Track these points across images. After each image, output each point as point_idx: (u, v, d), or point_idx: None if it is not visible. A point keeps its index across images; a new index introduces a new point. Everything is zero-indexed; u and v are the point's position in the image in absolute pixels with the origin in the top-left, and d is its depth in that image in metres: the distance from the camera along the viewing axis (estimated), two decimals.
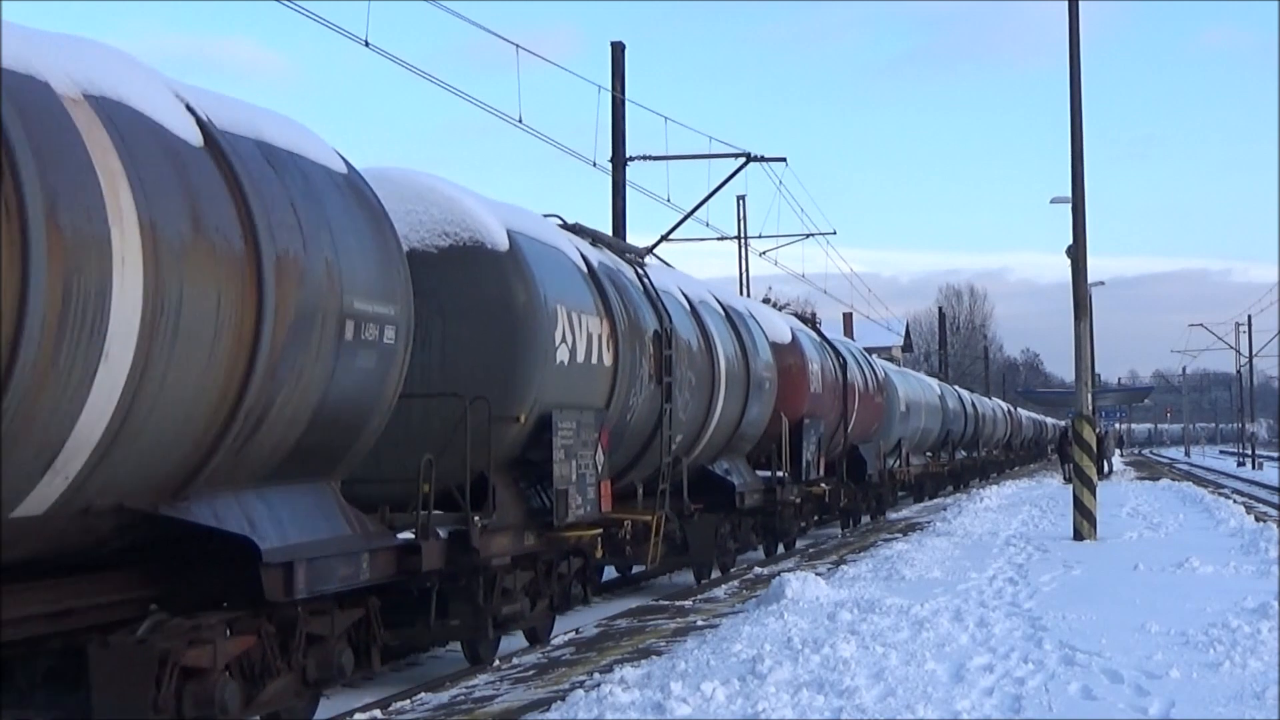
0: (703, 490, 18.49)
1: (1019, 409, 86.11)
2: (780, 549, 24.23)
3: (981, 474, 58.56)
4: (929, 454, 43.63)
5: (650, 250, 26.50)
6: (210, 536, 7.99)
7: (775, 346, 22.06)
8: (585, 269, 13.88)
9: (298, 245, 8.32)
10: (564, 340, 12.49)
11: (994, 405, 68.42)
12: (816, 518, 28.20)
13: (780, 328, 23.19)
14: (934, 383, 47.07)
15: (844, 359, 27.39)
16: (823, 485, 24.92)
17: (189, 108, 8.02)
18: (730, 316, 20.03)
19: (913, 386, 39.60)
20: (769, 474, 21.33)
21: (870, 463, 29.74)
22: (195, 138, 7.86)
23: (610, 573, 19.80)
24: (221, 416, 7.76)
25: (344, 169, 9.68)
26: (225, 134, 8.16)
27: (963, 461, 52.53)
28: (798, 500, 23.01)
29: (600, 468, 13.25)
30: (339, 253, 8.84)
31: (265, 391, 8.04)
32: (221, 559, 8.19)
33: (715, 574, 19.81)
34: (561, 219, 15.09)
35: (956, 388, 56.83)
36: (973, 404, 56.64)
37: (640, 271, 16.38)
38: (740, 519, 20.53)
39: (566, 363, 12.53)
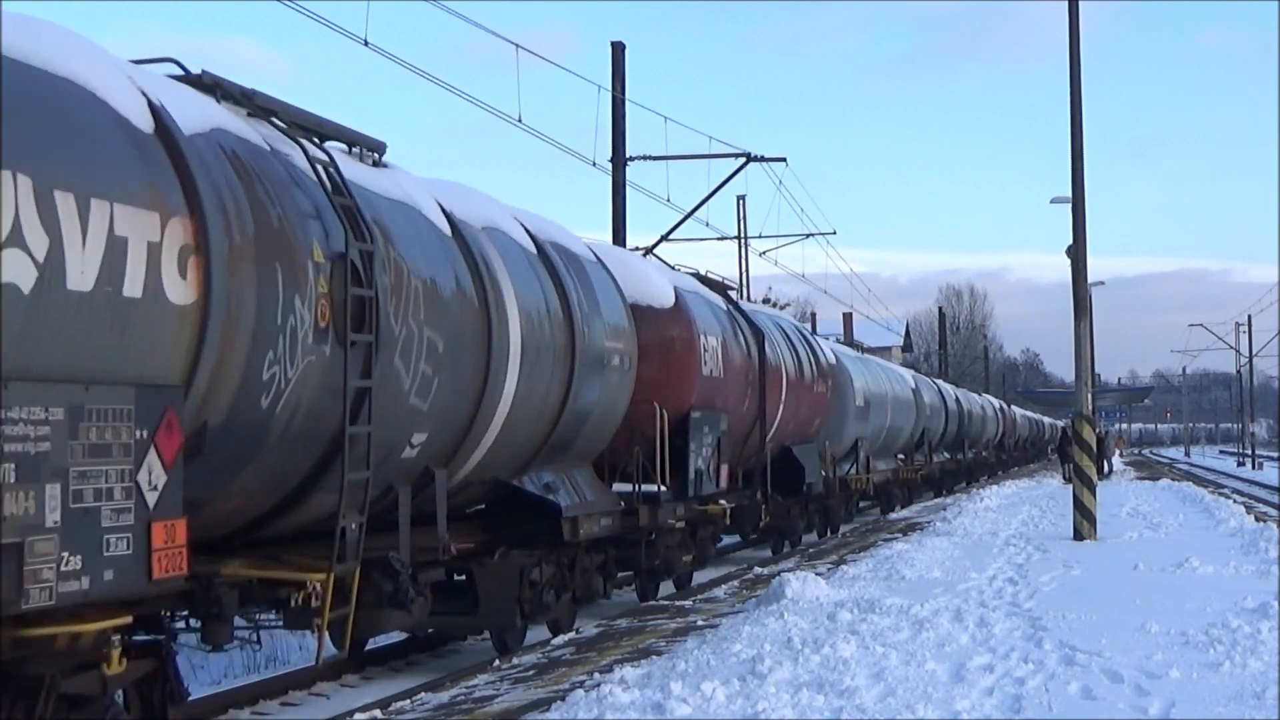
0: (511, 515, 13.23)
1: (1013, 407, 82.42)
2: (666, 589, 18.50)
3: (969, 478, 53.84)
4: (901, 457, 37.68)
5: (650, 250, 26.50)
6: None
7: (644, 311, 16.32)
8: (146, 125, 7.77)
9: None
10: (19, 240, 6.49)
11: (984, 402, 63.32)
12: (754, 538, 24.42)
13: (656, 287, 17.00)
14: (907, 374, 41.21)
15: (762, 334, 20.97)
16: (722, 502, 18.42)
17: None
18: (546, 255, 13.52)
19: (876, 376, 33.50)
20: (632, 489, 15.58)
21: (810, 469, 23.83)
22: None
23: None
24: None
25: None
26: None
27: (944, 465, 46.68)
28: (680, 524, 16.97)
29: (154, 495, 7.33)
30: None
31: None
32: None
33: (561, 634, 14.13)
34: (183, 69, 9.31)
35: (937, 381, 50.96)
36: (957, 399, 50.52)
37: (322, 155, 9.65)
38: (575, 556, 14.40)
39: (30, 289, 6.55)
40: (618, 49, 27.18)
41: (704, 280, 20.30)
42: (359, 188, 9.92)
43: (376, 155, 11.25)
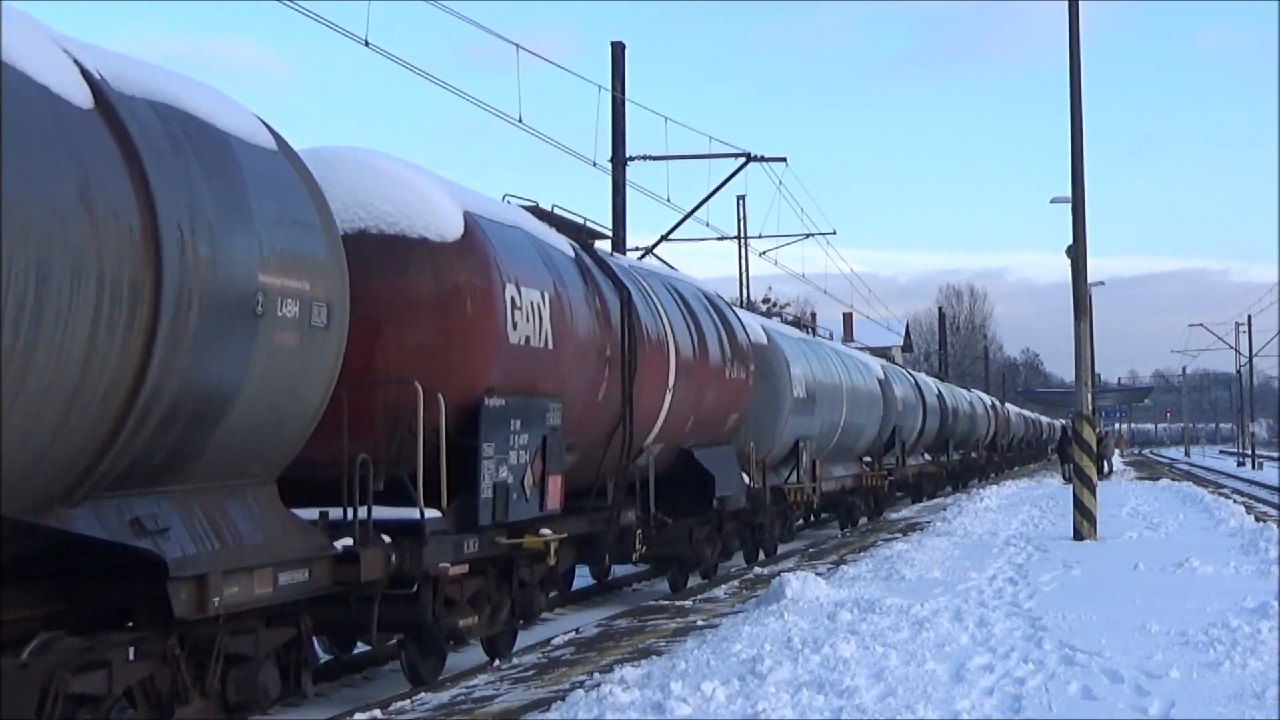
0: (92, 575, 8.02)
1: (1007, 404, 78.36)
2: (468, 658, 12.93)
3: (956, 483, 48.97)
4: (867, 460, 32.15)
5: (650, 250, 26.53)
6: None
7: (411, 244, 11.26)
8: None
9: None
10: None
11: (973, 398, 57.89)
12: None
13: (428, 208, 11.44)
14: (875, 363, 35.43)
15: (628, 292, 15.07)
16: (545, 532, 12.54)
17: None
18: (114, 116, 7.56)
19: (826, 363, 27.47)
20: (352, 519, 9.83)
21: (724, 478, 18.14)
22: None
23: None
24: None
25: None
26: None
27: (922, 469, 41.07)
28: (460, 571, 11.27)
29: None
30: None
31: None
32: None
33: None
34: None
35: (914, 373, 44.64)
36: (939, 394, 44.80)
37: None
38: (216, 639, 8.53)
39: None
40: (618, 49, 27.17)
41: (543, 215, 14.56)
42: None
43: None
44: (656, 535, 16.42)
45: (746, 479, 20.16)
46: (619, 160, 26.91)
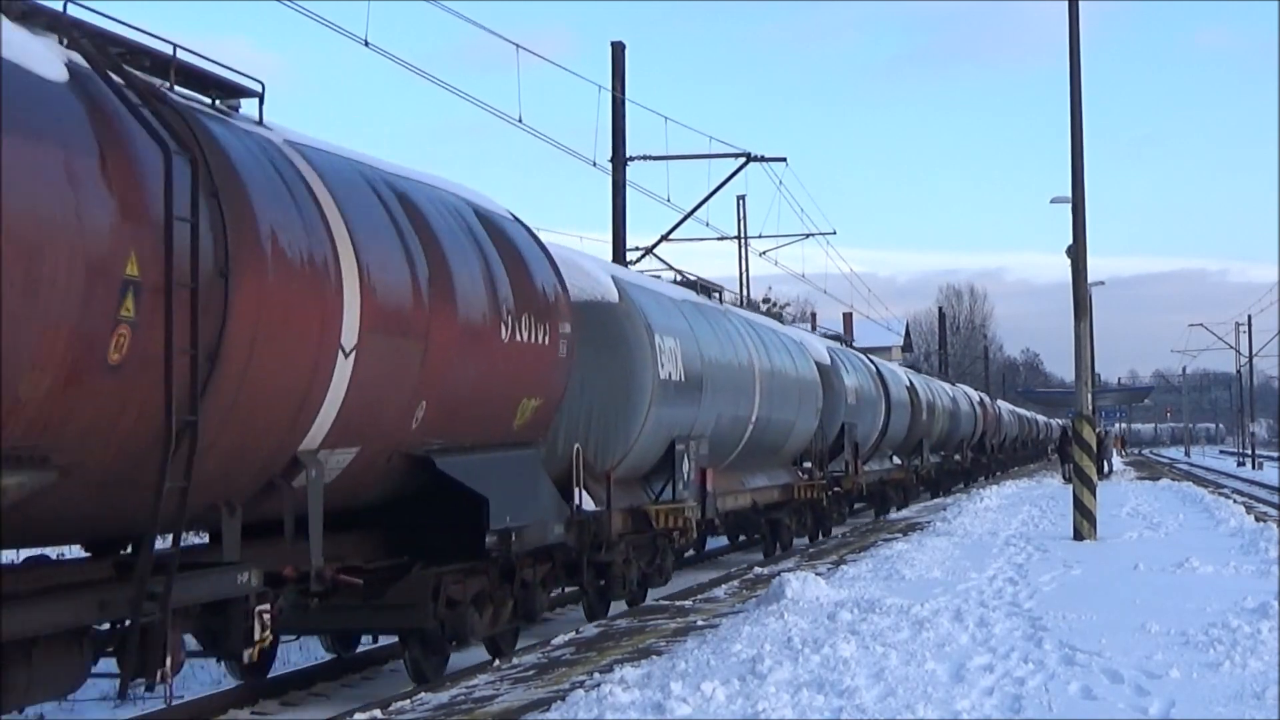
0: None
1: (998, 401, 73.48)
2: None
3: (935, 490, 44.32)
4: (805, 466, 25.58)
5: (650, 250, 26.54)
6: None
7: None
8: None
9: None
10: None
11: (957, 393, 51.75)
12: None
13: None
14: (817, 343, 29.18)
15: (181, 147, 7.53)
16: None
17: None
18: None
19: (726, 336, 20.24)
20: None
21: (506, 502, 11.75)
22: None
23: None
24: None
25: None
26: None
27: (886, 475, 35.23)
28: None
29: None
30: None
31: None
32: None
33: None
34: None
35: (874, 359, 36.26)
36: (909, 386, 38.63)
37: None
38: None
39: None
40: (618, 49, 27.20)
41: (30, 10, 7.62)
42: None
43: None
44: (331, 603, 10.41)
45: (585, 499, 14.42)
46: (619, 160, 26.92)
